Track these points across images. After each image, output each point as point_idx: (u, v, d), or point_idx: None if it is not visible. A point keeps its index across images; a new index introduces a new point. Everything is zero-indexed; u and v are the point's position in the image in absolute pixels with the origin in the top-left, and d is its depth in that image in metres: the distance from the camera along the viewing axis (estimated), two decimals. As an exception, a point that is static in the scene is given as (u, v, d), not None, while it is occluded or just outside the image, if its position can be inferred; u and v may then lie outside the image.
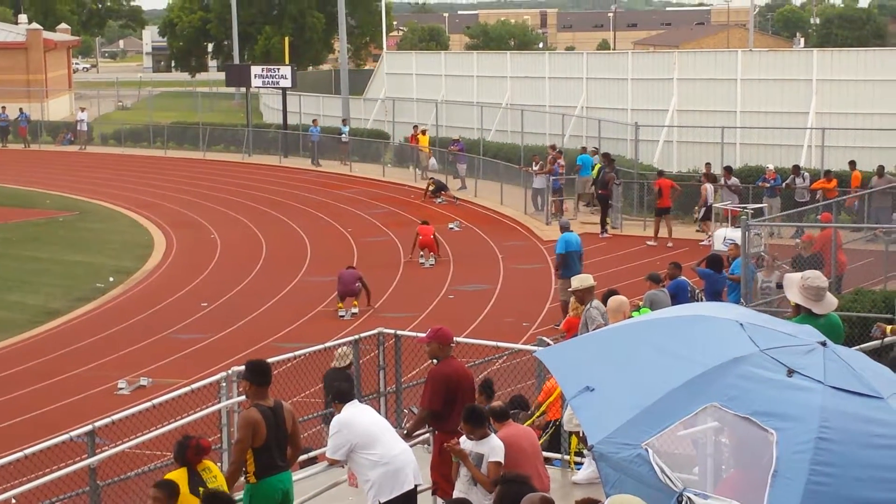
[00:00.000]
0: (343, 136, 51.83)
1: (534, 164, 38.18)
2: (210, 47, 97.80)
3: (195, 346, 23.82)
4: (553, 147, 40.26)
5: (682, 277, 20.11)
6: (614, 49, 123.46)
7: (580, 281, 15.40)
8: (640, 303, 18.32)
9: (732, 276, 19.96)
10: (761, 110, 40.66)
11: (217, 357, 22.12)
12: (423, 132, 47.63)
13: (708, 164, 34.83)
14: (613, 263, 29.77)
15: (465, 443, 9.92)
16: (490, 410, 10.49)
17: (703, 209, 32.78)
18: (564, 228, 24.88)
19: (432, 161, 45.04)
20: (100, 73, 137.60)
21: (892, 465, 6.46)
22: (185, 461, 9.42)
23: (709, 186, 32.87)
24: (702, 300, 19.45)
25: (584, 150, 39.97)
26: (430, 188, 41.95)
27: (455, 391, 10.83)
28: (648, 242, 32.53)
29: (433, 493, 10.91)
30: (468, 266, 30.53)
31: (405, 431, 11.39)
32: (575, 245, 23.92)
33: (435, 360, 11.08)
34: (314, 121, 53.69)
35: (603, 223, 34.32)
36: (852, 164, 33.94)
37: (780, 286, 16.99)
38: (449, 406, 10.78)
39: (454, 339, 11.27)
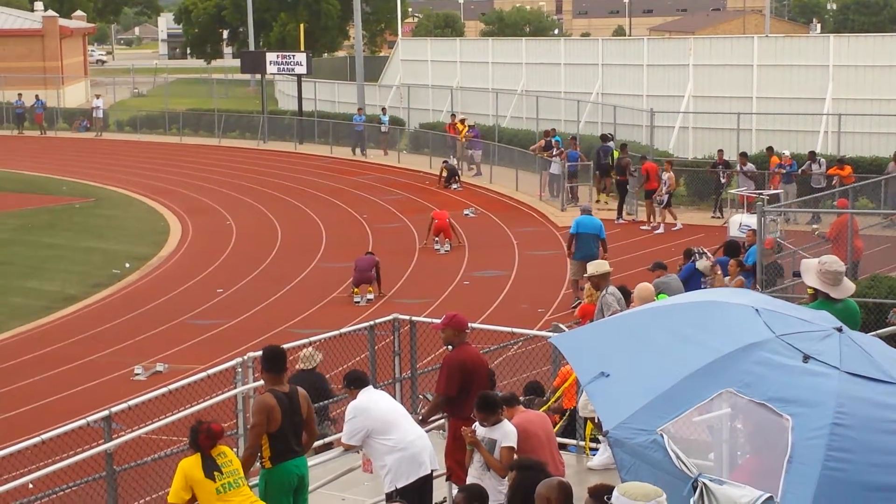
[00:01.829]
0: (383, 125, 50.79)
1: (554, 149, 38.11)
2: (225, 34, 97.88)
3: (211, 332, 23.88)
4: (547, 133, 40.23)
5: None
6: (630, 35, 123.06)
7: (596, 267, 15.29)
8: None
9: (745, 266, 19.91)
10: (777, 96, 40.52)
11: (233, 343, 22.17)
12: (462, 121, 46.00)
13: (720, 151, 34.81)
14: (628, 250, 29.73)
15: (478, 429, 9.94)
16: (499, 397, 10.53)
17: (666, 196, 32.67)
18: (584, 212, 24.97)
19: (471, 152, 43.91)
20: (115, 60, 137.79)
21: (907, 452, 6.45)
22: (198, 446, 9.47)
23: (667, 175, 32.92)
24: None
25: (553, 131, 40.08)
26: (444, 174, 41.89)
27: (470, 377, 10.84)
28: (674, 227, 32.52)
29: (447, 479, 10.93)
30: (483, 252, 30.53)
31: (420, 417, 11.41)
32: (588, 227, 23.84)
33: (450, 347, 11.10)
34: (359, 109, 52.36)
35: (620, 209, 34.26)
36: (769, 149, 34.33)
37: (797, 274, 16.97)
38: (464, 392, 10.79)
39: (469, 325, 11.27)
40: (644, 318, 7.93)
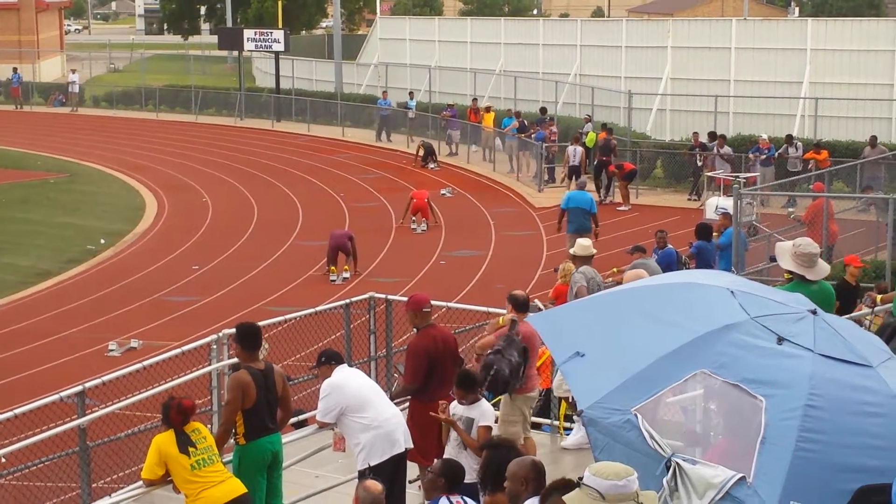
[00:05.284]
0: (410, 111, 48.18)
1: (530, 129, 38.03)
2: (203, 10, 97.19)
3: (186, 309, 23.82)
4: (517, 115, 40.13)
5: (671, 247, 20.13)
6: (608, 16, 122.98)
7: (582, 248, 14.98)
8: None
9: (718, 245, 20.02)
10: (755, 79, 40.59)
11: (208, 320, 22.12)
12: (488, 109, 43.50)
13: (695, 134, 34.85)
14: (608, 230, 29.70)
15: (455, 407, 9.94)
16: (512, 298, 10.91)
17: (566, 169, 33.40)
18: (580, 187, 25.61)
19: (498, 141, 41.72)
20: (91, 35, 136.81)
21: (879, 433, 6.50)
22: (170, 422, 9.47)
23: (571, 149, 33.52)
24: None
25: (519, 112, 40.30)
26: (420, 152, 41.73)
27: (435, 362, 10.83)
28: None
29: None
30: (460, 232, 30.52)
31: (390, 396, 11.40)
32: (578, 202, 24.20)
33: (415, 329, 11.08)
34: (384, 93, 50.02)
35: (599, 189, 34.12)
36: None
37: (773, 258, 17.03)
38: (428, 376, 10.80)
39: (430, 303, 11.17)
40: (620, 299, 7.94)
